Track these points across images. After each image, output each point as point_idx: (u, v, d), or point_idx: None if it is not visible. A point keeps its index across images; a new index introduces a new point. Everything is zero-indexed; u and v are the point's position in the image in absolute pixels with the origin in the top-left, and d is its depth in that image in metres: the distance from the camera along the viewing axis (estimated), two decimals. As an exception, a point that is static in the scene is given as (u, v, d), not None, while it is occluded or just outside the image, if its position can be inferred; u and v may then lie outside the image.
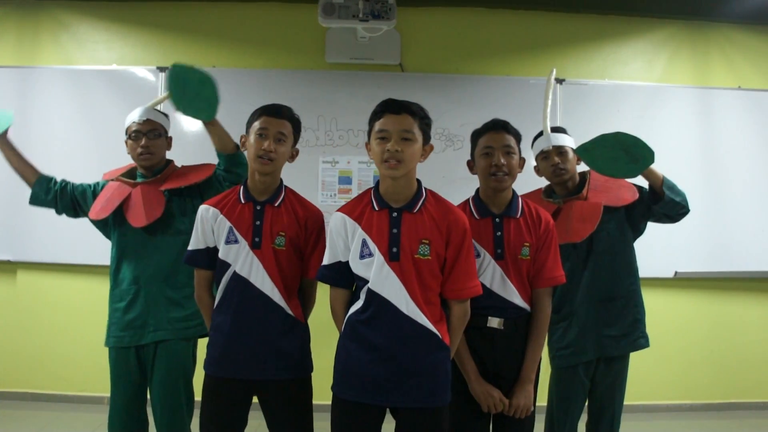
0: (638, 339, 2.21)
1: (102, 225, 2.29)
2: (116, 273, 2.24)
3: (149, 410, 2.21)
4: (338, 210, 1.76)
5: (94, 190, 2.32)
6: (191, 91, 2.08)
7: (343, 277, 1.73)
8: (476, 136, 1.97)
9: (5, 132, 2.30)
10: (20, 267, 3.79)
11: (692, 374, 3.91)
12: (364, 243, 1.68)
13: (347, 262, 1.71)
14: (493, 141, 1.90)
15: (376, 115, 1.70)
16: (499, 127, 1.92)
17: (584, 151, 2.12)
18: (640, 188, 2.24)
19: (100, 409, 3.56)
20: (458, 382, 1.87)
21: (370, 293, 1.66)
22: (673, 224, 2.29)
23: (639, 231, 2.29)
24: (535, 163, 2.30)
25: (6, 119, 2.30)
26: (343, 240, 1.71)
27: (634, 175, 2.11)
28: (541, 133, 2.28)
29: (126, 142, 2.27)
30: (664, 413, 3.82)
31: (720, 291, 3.96)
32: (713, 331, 3.94)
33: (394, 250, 1.65)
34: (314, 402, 1.91)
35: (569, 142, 2.24)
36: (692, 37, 4.04)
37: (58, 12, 3.87)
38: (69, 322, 3.72)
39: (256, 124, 1.86)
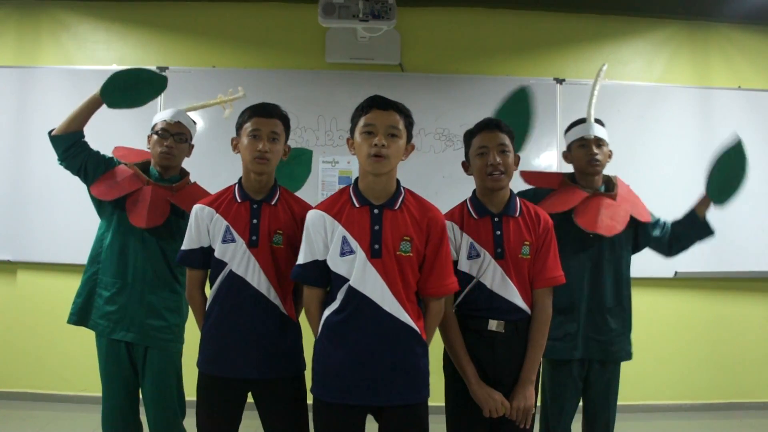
0: (620, 351, 2.21)
1: (98, 201, 2.25)
2: (105, 249, 2.18)
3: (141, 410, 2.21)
4: (315, 207, 1.73)
5: (107, 166, 2.26)
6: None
7: (319, 276, 1.70)
8: (469, 136, 1.95)
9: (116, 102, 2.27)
10: (20, 267, 3.78)
11: (692, 374, 3.91)
12: (344, 240, 1.66)
13: (324, 260, 1.69)
14: (488, 140, 1.88)
15: (362, 110, 1.69)
16: (492, 126, 1.91)
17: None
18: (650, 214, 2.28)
19: (100, 409, 3.55)
20: (457, 386, 1.86)
21: (351, 291, 1.64)
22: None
23: (637, 250, 2.32)
24: (565, 149, 2.31)
25: (159, 83, 2.31)
26: (322, 238, 1.68)
27: (728, 196, 2.29)
28: (580, 121, 2.28)
29: (149, 137, 2.26)
30: (664, 413, 3.82)
31: (720, 291, 3.96)
32: (713, 331, 3.94)
33: (376, 247, 1.64)
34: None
35: (606, 136, 2.25)
36: (692, 37, 4.04)
37: (58, 12, 3.86)
38: (69, 322, 3.72)
39: (248, 126, 1.86)
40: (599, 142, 2.21)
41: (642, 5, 3.91)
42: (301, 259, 1.72)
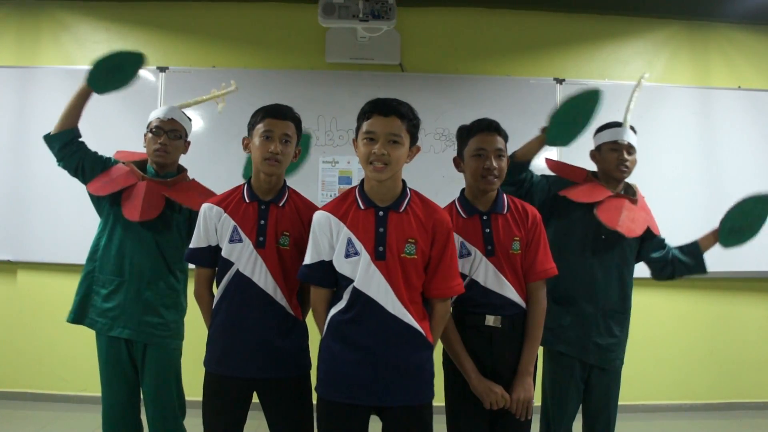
0: (615, 360, 2.21)
1: (96, 199, 2.26)
2: (102, 247, 2.19)
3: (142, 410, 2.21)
4: (321, 208, 1.75)
5: (104, 166, 2.27)
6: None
7: (325, 276, 1.72)
8: (466, 135, 1.95)
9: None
10: (20, 267, 3.79)
11: (692, 374, 3.91)
12: (349, 242, 1.67)
13: (330, 261, 1.70)
14: (486, 143, 1.89)
15: (364, 115, 1.69)
16: (492, 128, 1.91)
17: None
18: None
19: (100, 409, 3.55)
20: (456, 381, 1.88)
21: (355, 292, 1.65)
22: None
23: (635, 262, 2.32)
24: (593, 149, 2.30)
25: (137, 59, 2.29)
26: (328, 239, 1.70)
27: (738, 243, 2.34)
28: (615, 124, 2.27)
29: (145, 136, 2.27)
30: (664, 413, 3.82)
31: (720, 291, 3.96)
32: (713, 331, 3.94)
33: (381, 249, 1.65)
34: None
35: (637, 144, 2.27)
36: (692, 37, 4.05)
37: (58, 12, 3.87)
38: (69, 322, 3.72)
39: (261, 126, 1.86)
40: (630, 149, 2.23)
41: (642, 5, 3.91)
42: (307, 260, 1.73)
